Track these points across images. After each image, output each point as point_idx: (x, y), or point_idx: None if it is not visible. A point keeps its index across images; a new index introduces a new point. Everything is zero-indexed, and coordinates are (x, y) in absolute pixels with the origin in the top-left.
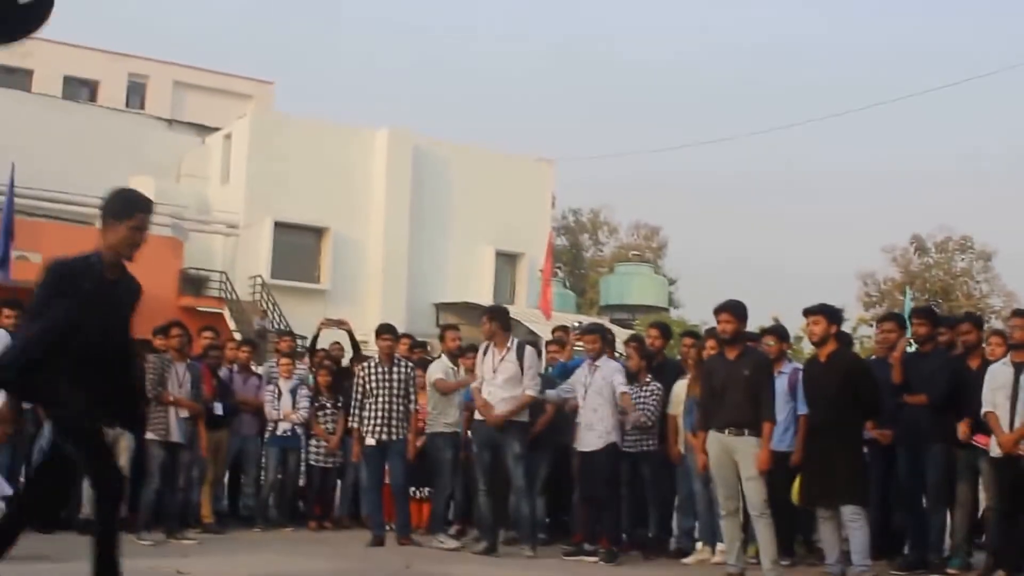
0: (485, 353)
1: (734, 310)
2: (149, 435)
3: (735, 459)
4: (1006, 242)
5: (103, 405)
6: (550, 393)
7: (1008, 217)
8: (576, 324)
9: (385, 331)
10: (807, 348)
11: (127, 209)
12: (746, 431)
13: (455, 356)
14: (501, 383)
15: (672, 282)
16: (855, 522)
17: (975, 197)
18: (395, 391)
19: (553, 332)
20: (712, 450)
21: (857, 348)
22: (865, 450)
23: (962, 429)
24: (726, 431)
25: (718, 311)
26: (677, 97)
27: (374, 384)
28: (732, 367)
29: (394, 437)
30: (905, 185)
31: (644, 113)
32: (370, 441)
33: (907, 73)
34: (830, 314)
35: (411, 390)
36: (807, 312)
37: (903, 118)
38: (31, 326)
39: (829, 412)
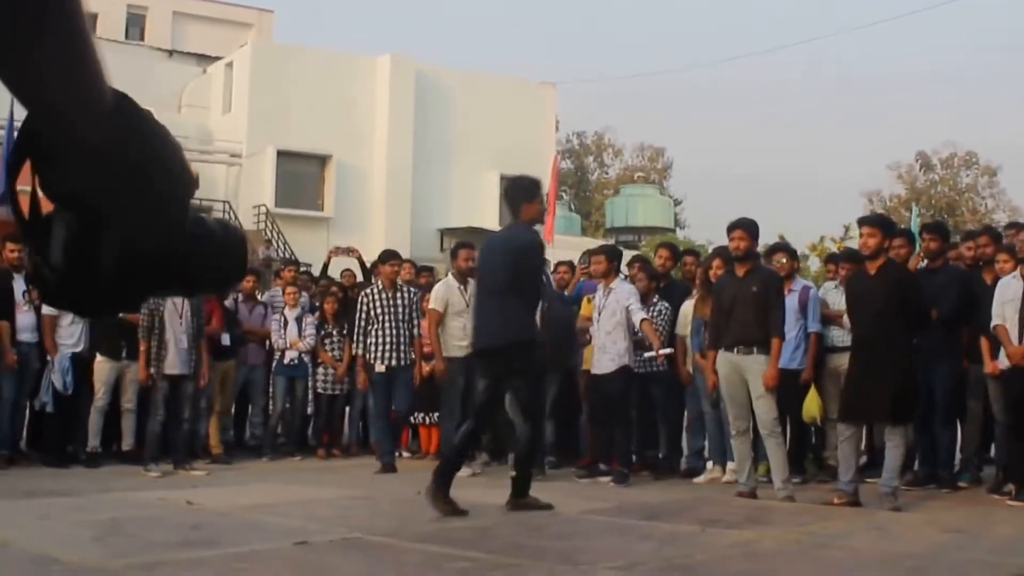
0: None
1: (747, 227)
2: (151, 368)
3: (745, 378)
4: (1011, 157)
5: None
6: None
7: (1014, 131)
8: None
9: (389, 257)
10: (813, 267)
11: None
12: (755, 349)
13: (465, 276)
14: None
15: (678, 203)
16: (892, 440)
17: (980, 110)
18: (400, 317)
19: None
20: (722, 369)
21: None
22: None
23: (990, 365)
24: (735, 350)
25: (731, 228)
26: (676, 18)
27: (379, 310)
28: (741, 285)
29: (401, 363)
30: (910, 99)
31: (644, 34)
32: (380, 368)
33: None
34: (886, 226)
35: (415, 316)
36: (862, 222)
37: (908, 30)
38: None
39: (876, 326)
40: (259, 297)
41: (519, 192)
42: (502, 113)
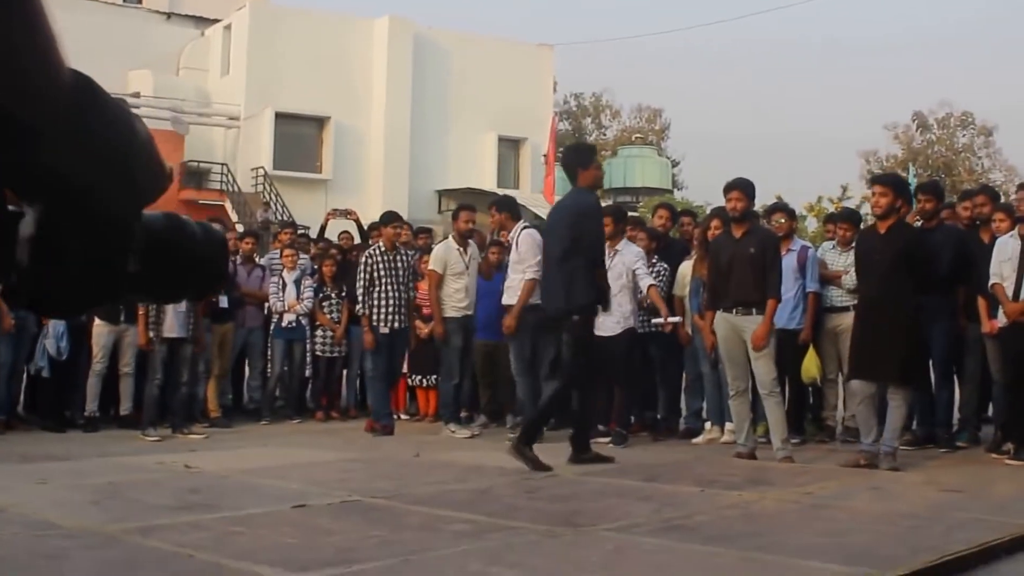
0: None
1: (744, 188)
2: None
3: (743, 338)
4: (1006, 117)
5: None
6: None
7: (1008, 90)
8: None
9: (391, 219)
10: (811, 227)
11: None
12: (754, 310)
13: (465, 238)
14: (511, 270)
15: (675, 164)
16: (895, 400)
17: (976, 69)
18: (400, 279)
19: None
20: (720, 330)
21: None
22: None
23: (987, 324)
24: (734, 310)
25: (728, 189)
26: None
27: (381, 272)
28: (739, 245)
29: (402, 326)
30: (906, 60)
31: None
32: (384, 330)
33: None
34: (898, 186)
35: (411, 277)
36: (875, 180)
37: None
38: None
39: (885, 286)
40: (257, 260)
41: (574, 159)
42: (500, 75)
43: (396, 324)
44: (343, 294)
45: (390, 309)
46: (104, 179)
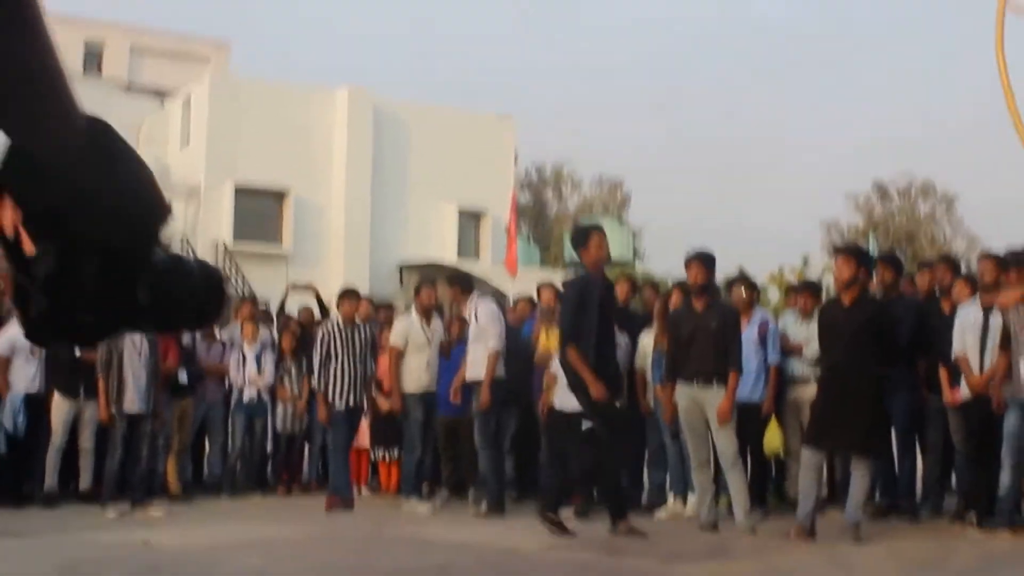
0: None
1: (705, 260)
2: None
3: (704, 410)
4: (968, 186)
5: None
6: None
7: (970, 160)
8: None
9: (349, 294)
10: (773, 298)
11: None
12: (714, 382)
13: (428, 314)
14: (470, 345)
15: (637, 234)
16: (859, 470)
17: (936, 140)
18: (358, 354)
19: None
20: (681, 402)
21: (824, 296)
22: None
23: (949, 395)
24: (694, 382)
25: (688, 261)
26: (638, 56)
27: (338, 347)
28: (699, 318)
29: (359, 401)
30: (867, 131)
31: (605, 69)
32: (340, 406)
33: (860, 17)
34: (861, 257)
35: (369, 354)
36: (837, 251)
37: (862, 65)
38: None
39: (848, 356)
40: (217, 334)
41: (573, 241)
42: (460, 146)
43: (351, 400)
44: (304, 368)
45: (346, 384)
46: (118, 214)
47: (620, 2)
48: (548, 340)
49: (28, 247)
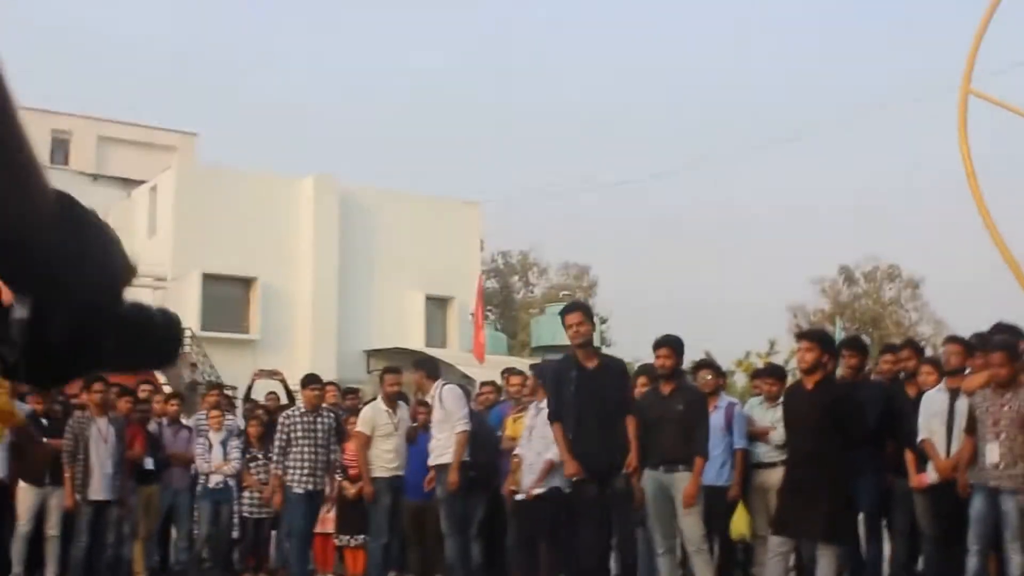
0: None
1: (673, 345)
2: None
3: (671, 495)
4: (933, 269)
5: None
6: None
7: (934, 243)
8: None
9: (311, 381)
10: (739, 382)
11: None
12: (681, 467)
13: (394, 400)
14: (435, 429)
15: (604, 321)
16: (825, 558)
17: (902, 224)
18: (319, 441)
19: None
20: (648, 487)
21: (789, 380)
22: None
23: (915, 479)
24: (661, 468)
25: (657, 346)
26: (603, 137)
27: (299, 433)
28: (667, 403)
29: (318, 487)
30: (832, 216)
31: (571, 152)
32: (299, 491)
33: (828, 102)
34: (824, 342)
35: (332, 439)
36: (800, 336)
37: (826, 148)
38: None
39: (813, 442)
40: (183, 420)
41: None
42: (427, 232)
43: (311, 486)
44: (270, 455)
45: (306, 470)
46: (88, 273)
47: (587, 87)
48: (515, 425)
49: (6, 296)
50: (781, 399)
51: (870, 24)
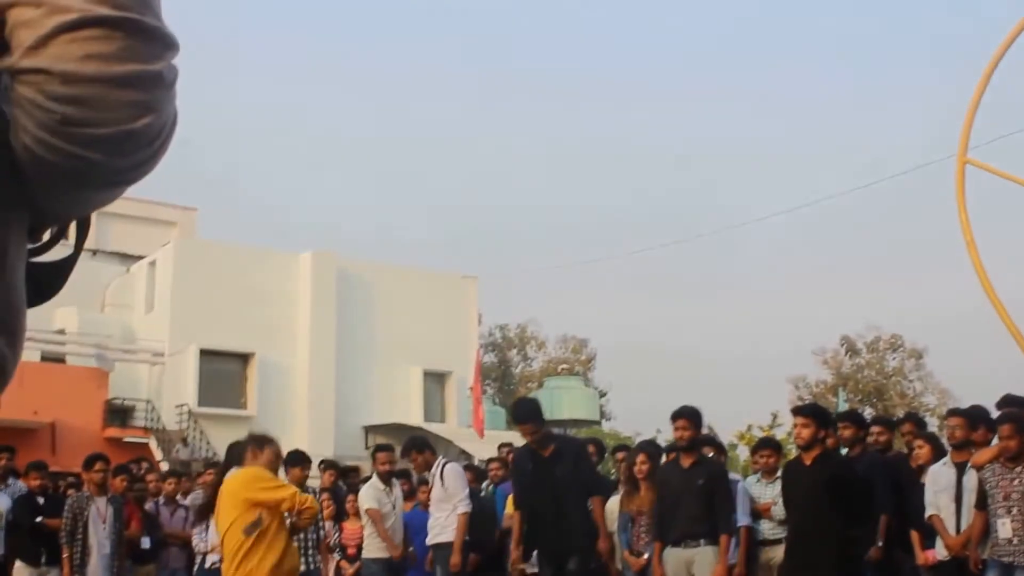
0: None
1: (690, 416)
2: None
3: (692, 572)
4: (935, 338)
5: None
6: None
7: (936, 311)
8: None
9: (298, 460)
10: (742, 455)
11: None
12: (703, 541)
13: (388, 478)
14: (434, 507)
15: (603, 394)
16: None
17: (902, 293)
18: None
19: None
20: (668, 566)
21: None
22: None
23: (922, 556)
24: (682, 544)
25: (675, 417)
26: (597, 204)
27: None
28: (687, 475)
29: (311, 568)
30: (832, 285)
31: (564, 222)
32: None
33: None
34: (820, 417)
35: (319, 519)
36: (796, 412)
37: (823, 220)
38: None
39: (812, 518)
40: (180, 500)
41: None
42: (425, 307)
43: (303, 567)
44: None
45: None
46: None
47: (564, 156)
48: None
49: None
50: (779, 472)
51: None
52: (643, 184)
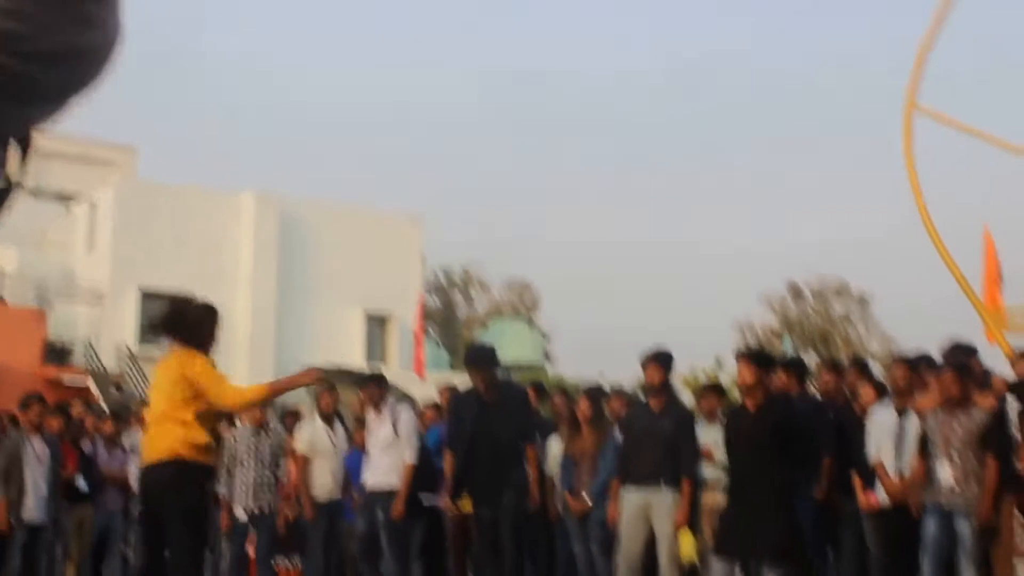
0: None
1: (661, 360)
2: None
3: (648, 515)
4: (884, 287)
5: None
6: None
7: (883, 260)
8: None
9: None
10: (687, 401)
11: None
12: (663, 485)
13: (330, 418)
14: (379, 449)
15: (547, 337)
16: None
17: (850, 241)
18: (264, 460)
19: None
20: (625, 507)
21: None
22: None
23: (865, 500)
24: (642, 486)
25: (645, 360)
26: (549, 155)
27: (242, 452)
28: (654, 419)
29: (264, 508)
30: (779, 233)
31: (513, 167)
32: (240, 514)
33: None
34: (763, 361)
35: (279, 458)
36: (740, 356)
37: (767, 176)
38: None
39: (755, 463)
40: (119, 441)
41: None
42: (368, 249)
43: (255, 507)
44: None
45: (250, 490)
46: None
47: (523, 105)
48: None
49: None
50: (722, 416)
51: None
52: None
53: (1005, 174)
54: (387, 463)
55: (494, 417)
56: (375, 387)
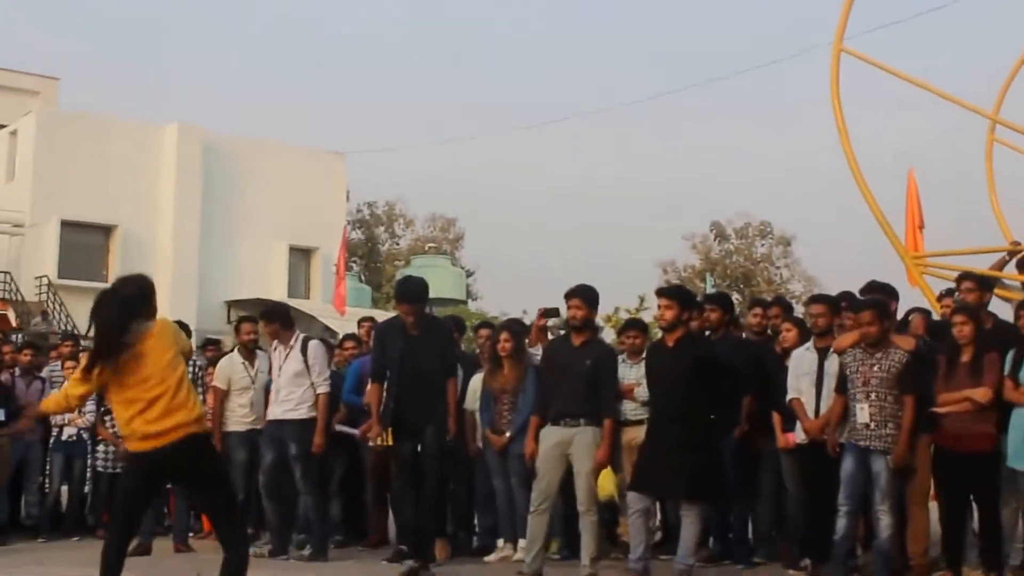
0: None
1: (585, 295)
2: None
3: (566, 452)
4: (804, 226)
5: None
6: None
7: (806, 201)
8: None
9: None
10: (608, 338)
11: None
12: (583, 421)
13: (251, 351)
14: (287, 381)
15: (470, 273)
16: (688, 516)
17: (772, 181)
18: None
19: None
20: (544, 442)
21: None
22: None
23: (782, 439)
24: (561, 422)
25: (569, 296)
26: (472, 92)
27: None
28: (575, 354)
29: None
30: (701, 173)
31: (438, 101)
32: None
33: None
34: (683, 298)
35: (198, 389)
36: (660, 293)
37: (692, 107)
38: None
39: (674, 399)
40: (37, 372)
41: None
42: (292, 183)
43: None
44: None
45: None
46: None
47: (453, 39)
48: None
49: None
50: (643, 353)
51: None
52: (518, 62)
53: (932, 119)
54: (297, 395)
55: (419, 350)
56: (274, 321)
